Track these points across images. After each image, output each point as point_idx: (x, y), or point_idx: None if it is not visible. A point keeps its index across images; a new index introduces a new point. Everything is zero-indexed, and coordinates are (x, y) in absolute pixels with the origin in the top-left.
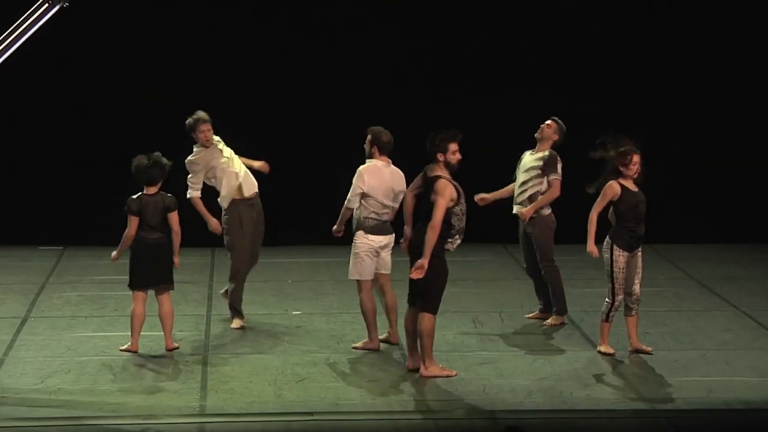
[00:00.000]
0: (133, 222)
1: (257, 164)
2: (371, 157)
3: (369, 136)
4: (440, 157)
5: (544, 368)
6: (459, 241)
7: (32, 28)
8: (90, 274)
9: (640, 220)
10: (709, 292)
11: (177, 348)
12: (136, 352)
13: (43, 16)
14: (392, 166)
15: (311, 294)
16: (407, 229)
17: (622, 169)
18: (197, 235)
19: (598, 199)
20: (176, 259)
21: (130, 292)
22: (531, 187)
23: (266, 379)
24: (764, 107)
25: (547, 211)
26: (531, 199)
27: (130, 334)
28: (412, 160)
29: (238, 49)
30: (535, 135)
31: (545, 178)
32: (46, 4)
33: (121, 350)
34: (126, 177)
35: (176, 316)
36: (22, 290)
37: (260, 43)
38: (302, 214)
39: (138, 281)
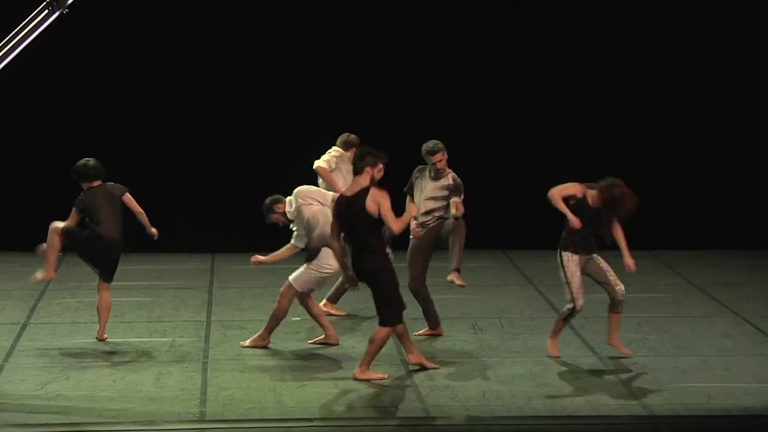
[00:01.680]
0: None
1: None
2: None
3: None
4: (369, 170)
5: (544, 374)
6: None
7: (32, 34)
8: (90, 281)
9: (591, 233)
10: (709, 298)
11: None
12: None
13: (43, 23)
14: None
15: None
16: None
17: (600, 196)
18: (197, 241)
19: (562, 187)
20: (153, 230)
21: (130, 299)
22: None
23: (266, 385)
24: (764, 113)
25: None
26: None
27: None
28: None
29: (238, 51)
30: (436, 165)
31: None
32: (46, 11)
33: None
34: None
35: (176, 322)
36: (21, 296)
37: (261, 46)
38: None
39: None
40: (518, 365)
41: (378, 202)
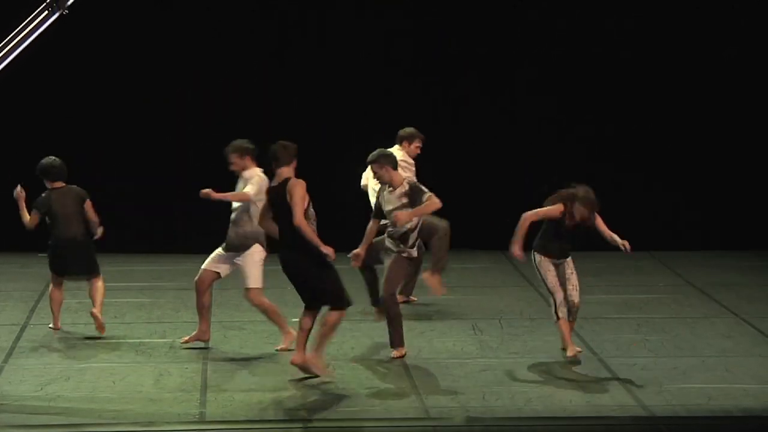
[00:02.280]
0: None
1: None
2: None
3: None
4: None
5: (544, 375)
6: None
7: (32, 35)
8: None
9: (565, 242)
10: (709, 299)
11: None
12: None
13: (43, 24)
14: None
15: None
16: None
17: (576, 209)
18: (197, 242)
19: (538, 210)
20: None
21: (130, 300)
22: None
23: (266, 385)
24: (763, 114)
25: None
26: (404, 236)
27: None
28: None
29: (239, 52)
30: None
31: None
32: (46, 12)
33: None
34: (125, 183)
35: (176, 323)
36: (21, 297)
37: (261, 47)
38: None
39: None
40: (518, 366)
41: (291, 191)
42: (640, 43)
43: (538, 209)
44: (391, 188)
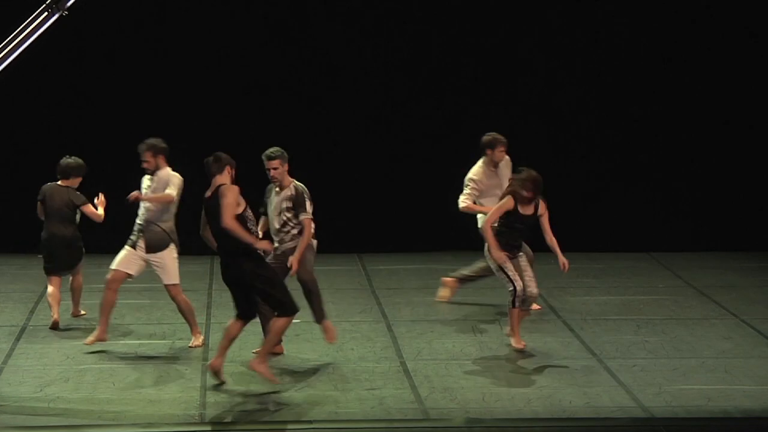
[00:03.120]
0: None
1: None
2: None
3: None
4: (228, 170)
5: (543, 377)
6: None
7: (31, 36)
8: (89, 283)
9: (519, 236)
10: (709, 300)
11: (84, 314)
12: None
13: (42, 25)
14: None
15: None
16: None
17: (522, 192)
18: (196, 243)
19: (492, 211)
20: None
21: (130, 301)
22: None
23: (265, 387)
24: (763, 115)
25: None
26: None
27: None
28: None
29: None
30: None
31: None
32: (46, 13)
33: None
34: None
35: (176, 324)
36: (21, 298)
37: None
38: None
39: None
40: (518, 367)
41: (221, 196)
42: (642, 43)
43: (492, 211)
44: (278, 188)
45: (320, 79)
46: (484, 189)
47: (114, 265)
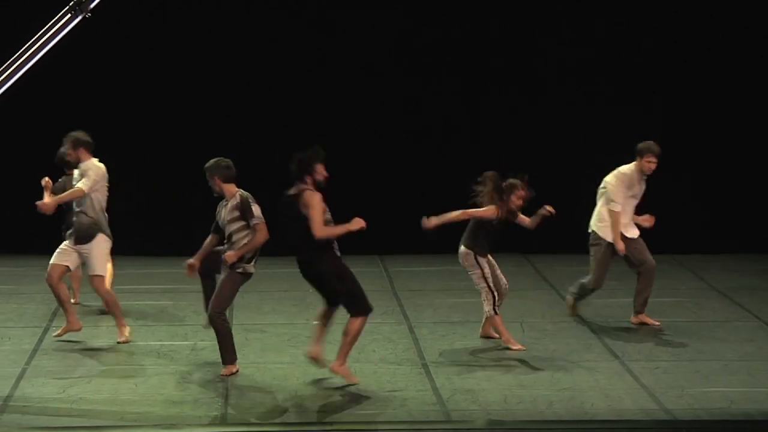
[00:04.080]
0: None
1: None
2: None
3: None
4: (308, 179)
5: (566, 379)
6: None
7: (55, 38)
8: (112, 283)
9: (493, 240)
10: (731, 303)
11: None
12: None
13: (66, 27)
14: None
15: None
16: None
17: (516, 197)
18: None
19: (473, 212)
20: None
21: (152, 302)
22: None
23: (287, 389)
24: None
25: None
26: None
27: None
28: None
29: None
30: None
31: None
32: (69, 15)
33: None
34: (144, 185)
35: (197, 325)
36: (44, 300)
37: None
38: None
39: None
40: (540, 369)
41: (307, 202)
42: (662, 44)
43: (473, 211)
44: (225, 201)
45: (343, 79)
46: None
47: (52, 260)
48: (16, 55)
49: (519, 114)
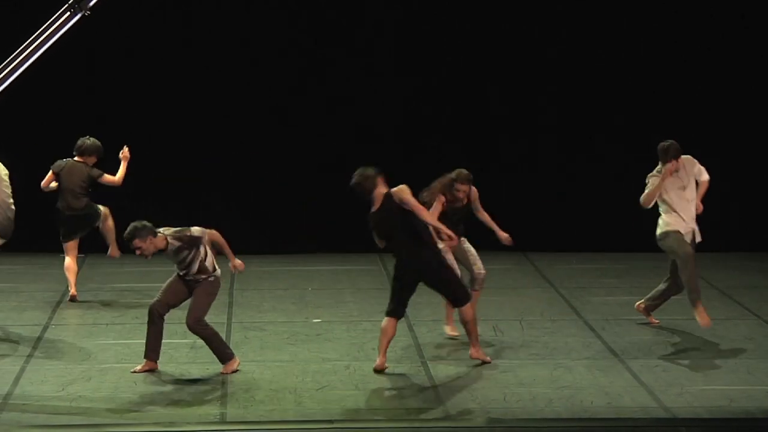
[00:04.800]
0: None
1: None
2: None
3: None
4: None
5: (565, 377)
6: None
7: (54, 36)
8: (111, 282)
9: (456, 223)
10: (731, 301)
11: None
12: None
13: (65, 25)
14: None
15: (331, 302)
16: None
17: (458, 189)
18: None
19: (432, 210)
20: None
21: (150, 300)
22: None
23: (287, 387)
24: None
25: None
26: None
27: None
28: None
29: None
30: None
31: None
32: (68, 13)
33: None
34: (146, 184)
35: None
36: (43, 298)
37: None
38: (321, 222)
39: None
40: (539, 367)
41: (401, 199)
42: (652, 44)
43: (432, 211)
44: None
45: (351, 83)
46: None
47: None
48: (16, 53)
49: (517, 114)
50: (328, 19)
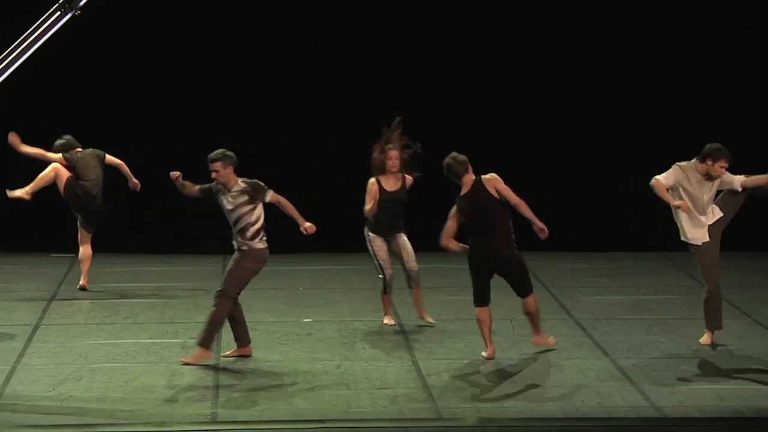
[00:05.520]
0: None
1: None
2: None
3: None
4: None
5: (556, 376)
6: None
7: (45, 35)
8: (101, 282)
9: (392, 216)
10: (722, 301)
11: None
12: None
13: (56, 24)
14: None
15: (323, 301)
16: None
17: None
18: (209, 243)
19: (367, 199)
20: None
21: (143, 300)
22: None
23: (277, 386)
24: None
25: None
26: (243, 230)
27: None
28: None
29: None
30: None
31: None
32: (59, 12)
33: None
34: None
35: (189, 323)
36: (34, 297)
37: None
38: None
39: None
40: (530, 367)
41: (490, 184)
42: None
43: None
44: (226, 190)
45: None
46: (687, 192)
47: None
48: (6, 52)
49: (517, 114)
50: (328, 19)
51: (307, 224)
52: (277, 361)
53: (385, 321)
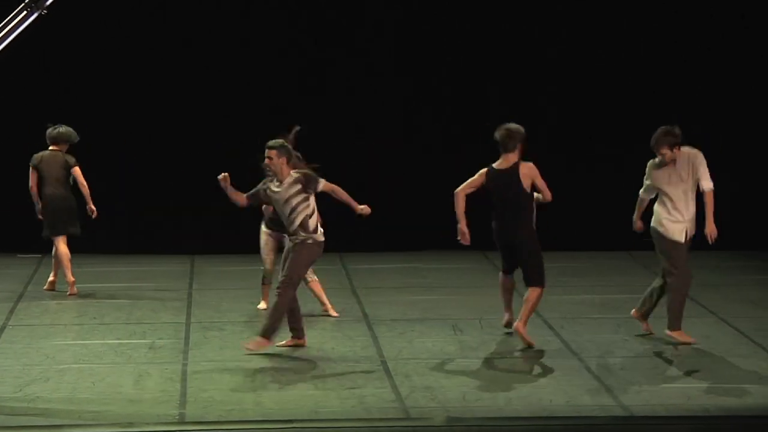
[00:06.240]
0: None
1: None
2: None
3: None
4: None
5: (524, 375)
6: None
7: (10, 35)
8: (82, 282)
9: (283, 218)
10: (688, 299)
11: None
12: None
13: (22, 24)
14: None
15: None
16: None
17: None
18: (177, 243)
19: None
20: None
21: (111, 300)
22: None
23: (246, 386)
24: (755, 117)
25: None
26: (302, 225)
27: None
28: None
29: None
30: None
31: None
32: (25, 12)
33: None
34: (109, 184)
35: (156, 324)
36: (1, 298)
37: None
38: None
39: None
40: (498, 366)
41: (530, 174)
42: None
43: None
44: (279, 180)
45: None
46: (662, 191)
47: None
48: None
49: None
50: (328, 19)
51: (362, 207)
52: (245, 360)
53: (260, 305)
